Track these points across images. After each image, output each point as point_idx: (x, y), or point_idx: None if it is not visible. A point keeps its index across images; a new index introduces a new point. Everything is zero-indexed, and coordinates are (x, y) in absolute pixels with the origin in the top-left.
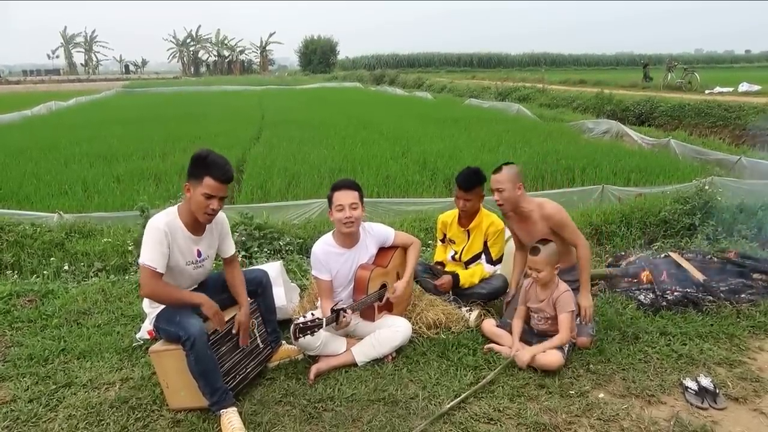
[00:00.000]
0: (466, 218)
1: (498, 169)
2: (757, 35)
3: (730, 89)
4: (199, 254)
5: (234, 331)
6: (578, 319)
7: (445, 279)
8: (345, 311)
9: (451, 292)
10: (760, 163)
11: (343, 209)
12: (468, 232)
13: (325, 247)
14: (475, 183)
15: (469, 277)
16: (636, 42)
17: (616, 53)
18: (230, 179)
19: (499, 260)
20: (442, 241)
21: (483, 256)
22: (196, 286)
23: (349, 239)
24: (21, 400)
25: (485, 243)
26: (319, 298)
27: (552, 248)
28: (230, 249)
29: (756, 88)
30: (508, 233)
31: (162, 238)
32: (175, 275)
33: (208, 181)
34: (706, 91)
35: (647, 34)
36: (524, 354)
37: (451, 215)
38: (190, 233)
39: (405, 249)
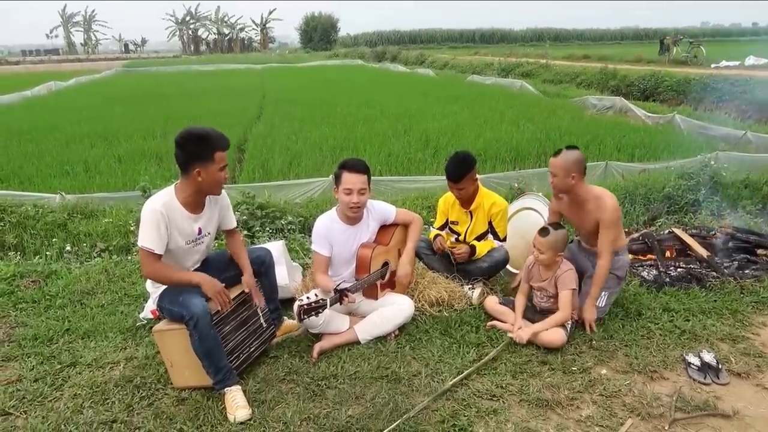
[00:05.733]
0: (466, 201)
1: (557, 153)
2: (765, 6)
3: (737, 63)
4: (200, 232)
5: (246, 291)
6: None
7: (463, 249)
8: (348, 291)
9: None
10: (766, 138)
11: (351, 193)
12: (470, 213)
13: (328, 221)
14: (463, 173)
15: (483, 249)
16: (642, 14)
17: (621, 27)
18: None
19: (506, 238)
20: (441, 228)
21: (490, 235)
22: (198, 265)
23: (353, 217)
24: (27, 379)
25: (490, 223)
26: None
27: (561, 235)
28: (231, 222)
29: (763, 61)
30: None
31: (159, 219)
32: (177, 255)
33: (219, 155)
34: (713, 65)
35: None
36: (524, 332)
37: (452, 196)
38: (189, 212)
39: (406, 226)
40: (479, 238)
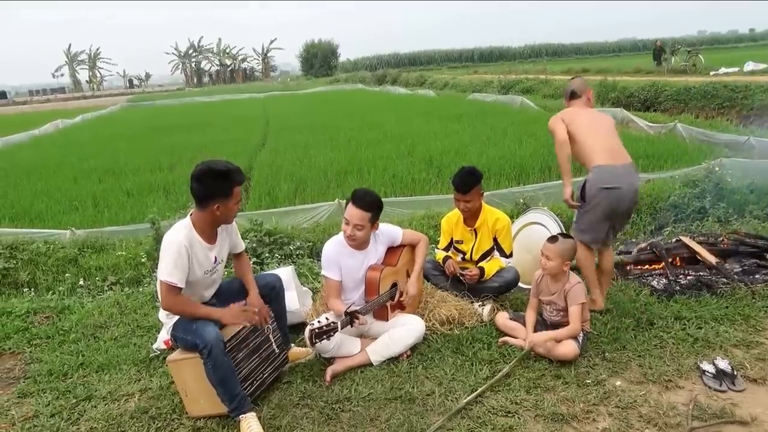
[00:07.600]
0: (470, 218)
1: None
2: (761, 11)
3: (736, 69)
4: (216, 261)
5: (249, 323)
6: None
7: (474, 271)
8: (359, 313)
9: (466, 286)
10: None
11: (348, 225)
12: (475, 231)
13: (336, 246)
14: (472, 184)
15: (491, 269)
16: (640, 23)
17: (618, 39)
18: None
19: (512, 254)
20: (446, 248)
21: (496, 252)
22: (212, 293)
23: (352, 246)
24: (43, 415)
25: (495, 239)
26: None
27: (570, 244)
28: (240, 245)
29: (762, 66)
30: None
31: (183, 253)
32: (195, 286)
33: (236, 190)
34: (711, 73)
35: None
36: (537, 336)
37: (455, 215)
38: (205, 242)
39: (413, 246)
40: (485, 255)
